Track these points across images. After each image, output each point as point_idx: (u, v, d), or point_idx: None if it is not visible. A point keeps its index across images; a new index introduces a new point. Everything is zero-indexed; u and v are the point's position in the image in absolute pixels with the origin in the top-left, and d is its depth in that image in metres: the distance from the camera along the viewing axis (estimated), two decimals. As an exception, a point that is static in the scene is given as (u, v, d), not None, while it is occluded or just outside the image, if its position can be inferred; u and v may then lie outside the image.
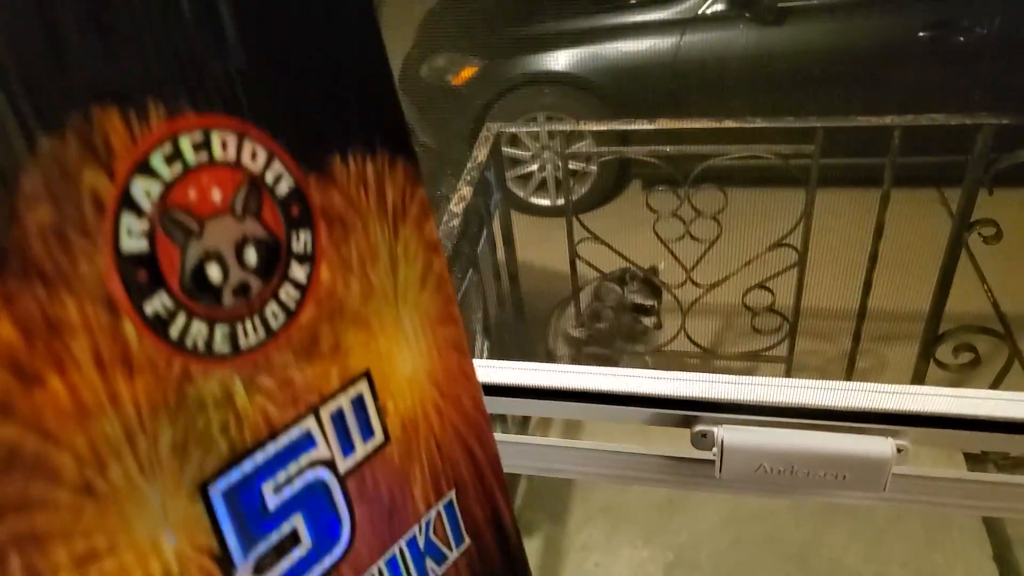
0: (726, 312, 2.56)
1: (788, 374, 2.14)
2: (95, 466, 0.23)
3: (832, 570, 1.88)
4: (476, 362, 0.47)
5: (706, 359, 2.23)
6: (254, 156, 0.27)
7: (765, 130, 1.63)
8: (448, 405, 0.35)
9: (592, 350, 2.20)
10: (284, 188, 0.28)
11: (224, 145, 0.27)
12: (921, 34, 3.01)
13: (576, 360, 2.24)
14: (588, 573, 1.98)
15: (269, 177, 0.28)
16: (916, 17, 3.01)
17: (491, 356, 1.77)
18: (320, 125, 0.29)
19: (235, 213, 0.27)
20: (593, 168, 3.46)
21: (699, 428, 0.43)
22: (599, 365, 1.78)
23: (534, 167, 3.52)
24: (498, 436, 0.49)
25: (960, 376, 2.03)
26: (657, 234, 1.85)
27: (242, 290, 0.28)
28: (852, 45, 3.14)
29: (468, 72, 3.54)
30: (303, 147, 0.29)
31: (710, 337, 2.61)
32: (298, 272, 0.29)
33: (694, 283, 1.94)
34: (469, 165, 1.62)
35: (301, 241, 0.29)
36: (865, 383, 0.40)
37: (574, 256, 1.94)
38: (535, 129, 2.47)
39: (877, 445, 0.39)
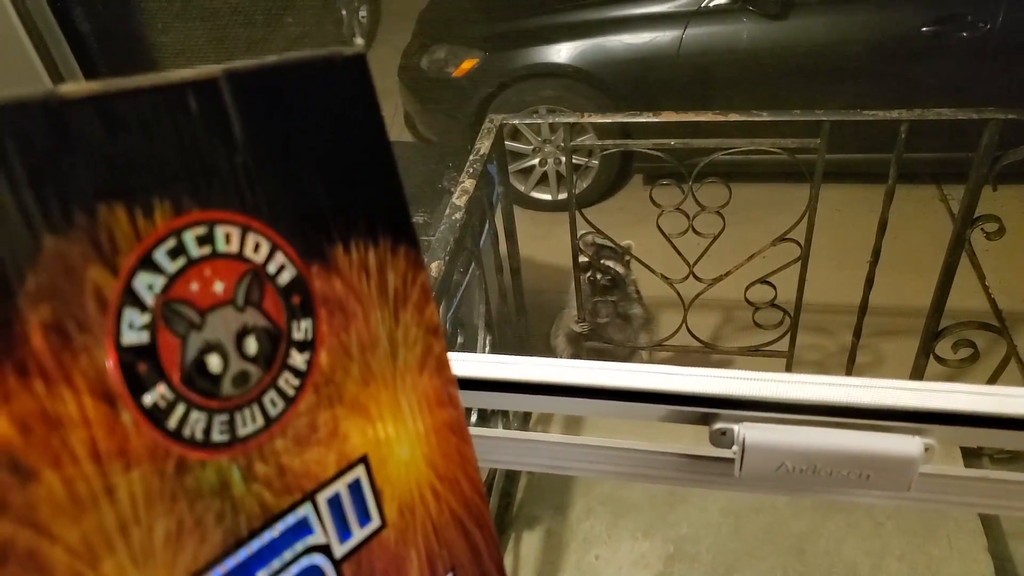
0: (728, 307, 2.56)
1: (789, 369, 2.14)
2: (88, 559, 0.24)
3: (830, 562, 1.88)
4: (487, 357, 0.46)
5: (707, 354, 2.23)
6: (257, 248, 0.28)
7: (770, 124, 1.62)
8: (445, 488, 0.35)
9: (593, 344, 2.19)
10: (286, 278, 0.29)
11: (228, 238, 0.27)
12: (925, 29, 3.01)
13: (577, 355, 2.24)
14: (589, 566, 1.98)
15: (271, 268, 0.29)
16: (920, 12, 3.00)
17: (493, 351, 1.76)
18: (323, 217, 0.30)
19: (237, 304, 0.28)
20: (595, 162, 3.45)
21: (718, 426, 0.42)
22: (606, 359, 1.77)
23: (535, 161, 3.50)
24: (506, 433, 0.48)
25: (959, 372, 2.03)
26: (660, 228, 1.84)
27: (242, 379, 0.28)
28: (855, 39, 3.13)
29: (469, 64, 3.52)
30: (306, 238, 0.29)
31: (712, 332, 2.61)
32: (298, 360, 0.30)
33: (696, 278, 1.93)
34: (472, 157, 1.61)
35: (302, 329, 0.30)
36: (891, 380, 0.40)
37: (576, 251, 1.93)
38: (538, 121, 2.46)
39: (904, 444, 0.38)
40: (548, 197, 3.59)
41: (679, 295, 1.99)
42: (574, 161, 1.78)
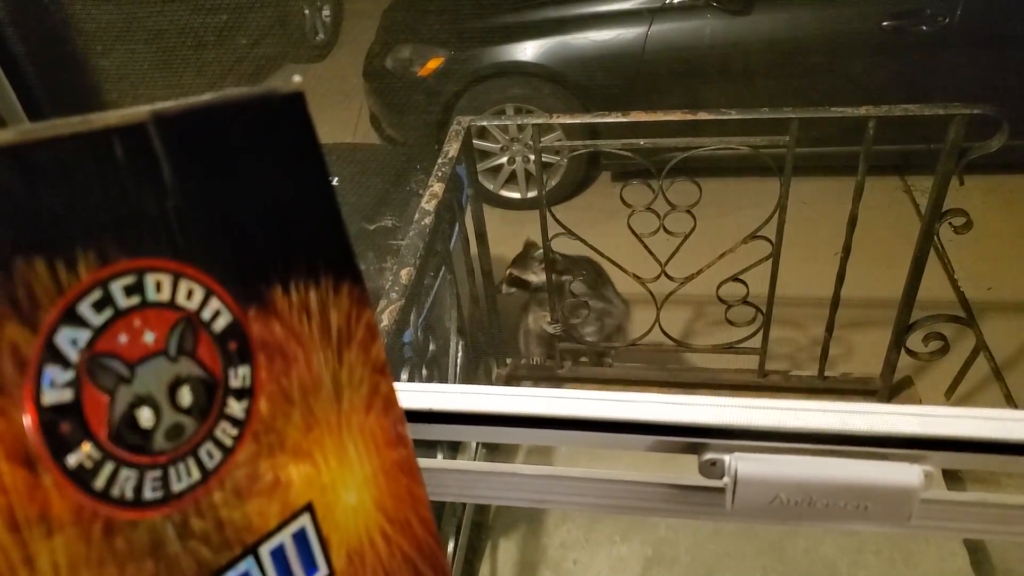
0: (700, 303, 2.56)
1: (762, 365, 2.14)
2: None
3: (808, 560, 1.89)
4: (462, 388, 0.43)
5: (680, 352, 2.22)
6: (190, 295, 0.27)
7: (739, 121, 1.61)
8: (396, 531, 0.34)
9: (567, 346, 2.17)
10: (222, 324, 0.28)
11: (159, 286, 0.26)
12: (885, 24, 3.04)
13: (550, 355, 2.22)
14: (567, 571, 1.96)
15: (206, 314, 0.27)
16: (880, 7, 3.03)
17: (465, 355, 1.73)
18: (260, 258, 0.29)
19: (169, 354, 0.27)
20: (563, 161, 3.43)
21: (708, 456, 0.40)
22: (575, 361, 1.75)
23: (503, 160, 3.47)
24: (480, 466, 0.46)
25: (929, 364, 2.05)
26: (632, 228, 1.83)
27: (176, 432, 0.27)
28: (817, 34, 3.16)
29: (434, 63, 3.48)
30: (242, 282, 0.28)
31: (685, 329, 2.61)
32: (236, 408, 0.29)
33: (668, 277, 1.92)
34: (440, 160, 1.58)
35: (239, 376, 0.29)
36: (887, 405, 0.38)
37: (548, 252, 1.91)
38: (507, 122, 2.43)
39: (903, 473, 0.36)
40: (517, 195, 3.56)
41: (651, 294, 1.97)
42: (543, 160, 1.75)
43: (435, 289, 1.73)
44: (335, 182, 2.17)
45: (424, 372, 1.52)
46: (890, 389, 2.02)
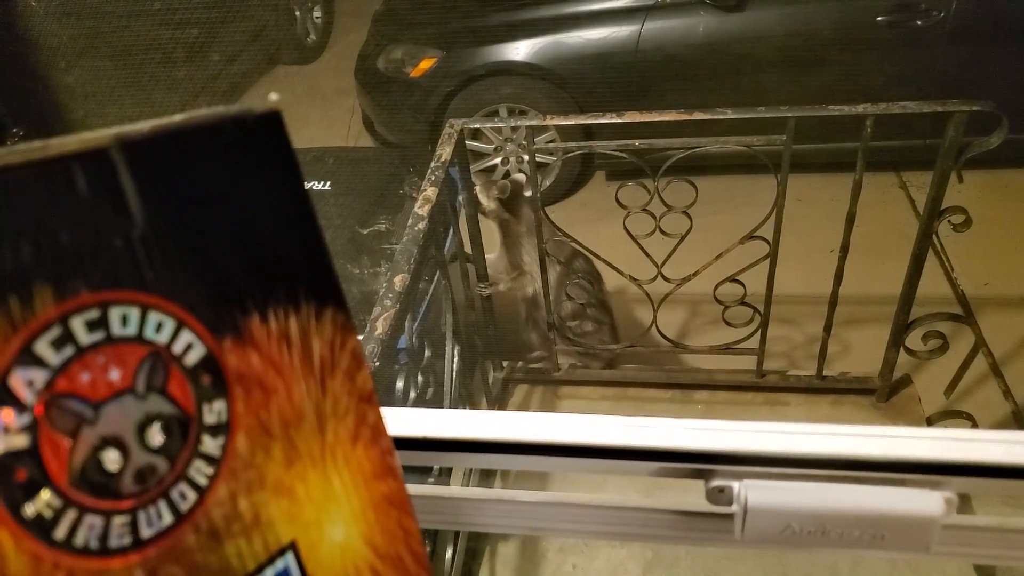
0: (697, 302, 2.55)
1: (760, 366, 2.13)
2: None
3: (810, 562, 1.88)
4: (458, 413, 0.41)
5: (677, 353, 2.21)
6: (159, 328, 0.26)
7: (735, 120, 1.59)
8: (387, 567, 0.32)
9: (564, 348, 2.15)
10: (194, 357, 0.27)
11: (125, 320, 0.25)
12: (880, 18, 3.02)
13: (551, 354, 2.19)
14: (567, 575, 1.95)
15: (177, 347, 0.26)
16: (875, 1, 3.01)
17: (461, 360, 1.71)
18: (236, 286, 0.27)
19: (137, 391, 0.25)
20: (557, 160, 3.41)
21: (716, 483, 0.38)
22: (576, 364, 1.72)
23: (497, 160, 3.45)
24: (476, 492, 0.44)
25: (927, 362, 2.04)
26: (627, 230, 1.81)
27: (145, 474, 0.26)
28: (812, 30, 3.14)
29: (426, 64, 3.46)
30: (216, 311, 0.27)
31: (682, 330, 2.59)
32: (211, 445, 0.27)
33: (664, 278, 1.90)
34: (433, 164, 1.56)
35: (214, 411, 0.27)
36: (905, 428, 0.36)
37: (543, 254, 1.89)
38: (500, 124, 2.41)
39: (922, 500, 0.34)
40: (512, 196, 3.54)
41: (648, 295, 1.95)
42: (537, 160, 1.73)
43: (430, 294, 1.71)
44: (327, 186, 2.15)
45: (420, 378, 1.50)
46: (889, 388, 2.00)
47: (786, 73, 3.21)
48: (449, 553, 1.78)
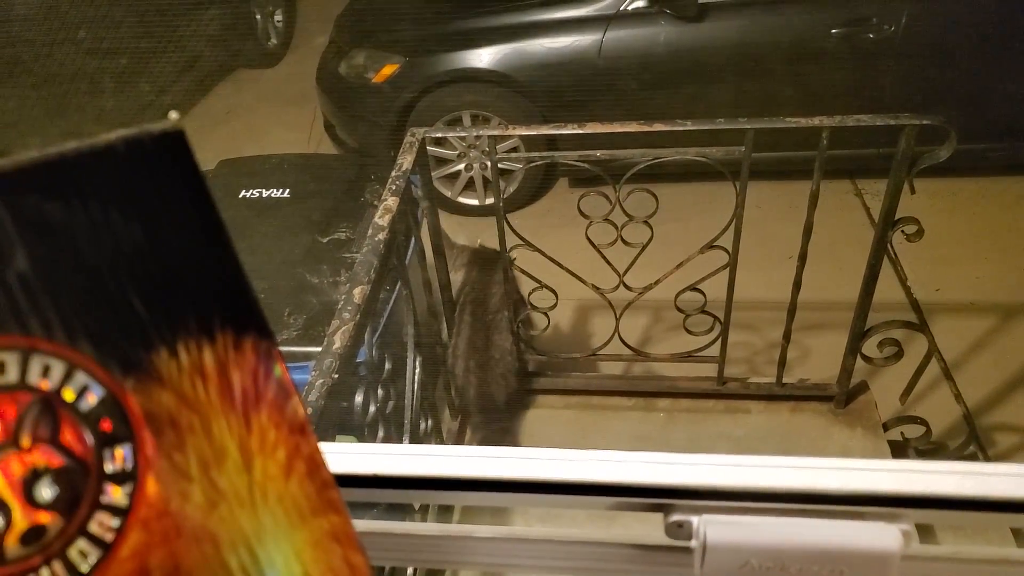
0: (658, 310, 2.56)
1: (721, 373, 2.15)
2: None
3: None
4: (409, 448, 0.40)
5: (639, 361, 2.22)
6: (46, 372, 0.24)
7: (695, 131, 1.61)
8: None
9: (529, 356, 2.15)
10: (91, 401, 0.25)
11: (2, 367, 0.23)
12: (834, 31, 3.09)
13: (515, 366, 2.18)
14: (530, 586, 1.94)
15: (69, 392, 0.24)
16: (829, 15, 3.08)
17: (423, 372, 1.69)
18: (138, 321, 0.25)
19: (19, 444, 0.23)
20: (520, 166, 3.41)
21: (675, 518, 0.37)
22: (538, 374, 1.70)
23: (460, 166, 3.44)
24: (427, 528, 0.43)
25: (883, 369, 2.08)
26: (589, 239, 1.81)
27: (33, 535, 0.23)
28: (769, 41, 3.20)
29: (389, 70, 3.43)
30: (116, 349, 0.25)
31: (643, 338, 2.61)
32: (115, 495, 0.25)
33: (627, 287, 1.91)
34: (394, 173, 1.54)
35: (117, 458, 0.25)
36: (863, 460, 0.36)
37: (508, 264, 1.88)
38: (461, 134, 2.39)
39: (880, 534, 0.34)
40: (475, 202, 3.53)
41: (610, 304, 1.96)
42: (500, 167, 1.72)
43: (390, 304, 1.69)
44: (286, 194, 2.11)
45: (380, 391, 1.48)
46: (847, 394, 2.04)
47: (745, 82, 3.26)
48: (410, 572, 1.75)
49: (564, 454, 0.38)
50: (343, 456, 0.40)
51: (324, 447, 0.41)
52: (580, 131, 1.61)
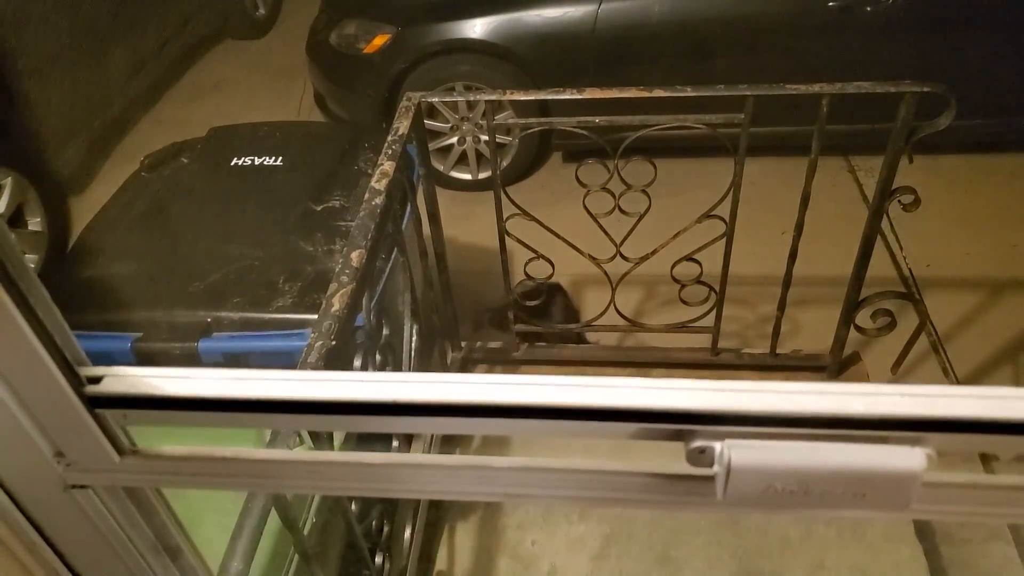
0: (654, 283, 2.56)
1: (715, 344, 2.16)
2: None
3: (762, 532, 1.92)
4: (423, 376, 0.39)
5: (634, 332, 2.22)
6: None
7: (694, 99, 1.59)
8: None
9: (522, 328, 2.15)
10: None
11: None
12: (832, 3, 3.07)
13: (509, 336, 2.19)
14: (526, 551, 1.95)
15: None
16: (827, -14, 3.06)
17: (420, 339, 1.69)
18: None
19: None
20: (514, 140, 3.38)
21: (697, 444, 0.37)
22: (534, 343, 1.71)
23: (453, 140, 3.41)
24: (465, 460, 0.42)
25: (875, 340, 2.10)
26: (587, 208, 1.80)
27: None
28: (765, 12, 3.17)
29: (380, 40, 3.38)
30: None
31: (639, 309, 2.61)
32: None
33: (623, 257, 1.91)
34: (390, 138, 1.52)
35: None
36: (888, 386, 0.36)
37: (503, 232, 1.87)
38: (458, 99, 2.37)
39: (905, 456, 0.34)
40: (468, 177, 3.50)
41: (607, 275, 1.96)
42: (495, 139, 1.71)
43: (387, 272, 1.68)
44: (279, 162, 2.09)
45: (378, 357, 1.47)
46: (839, 365, 2.05)
47: (741, 55, 3.24)
48: (408, 531, 1.77)
49: (585, 380, 0.38)
50: (345, 384, 0.39)
51: (340, 374, 0.41)
52: (578, 96, 1.60)
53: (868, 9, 3.03)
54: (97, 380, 0.44)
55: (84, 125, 3.61)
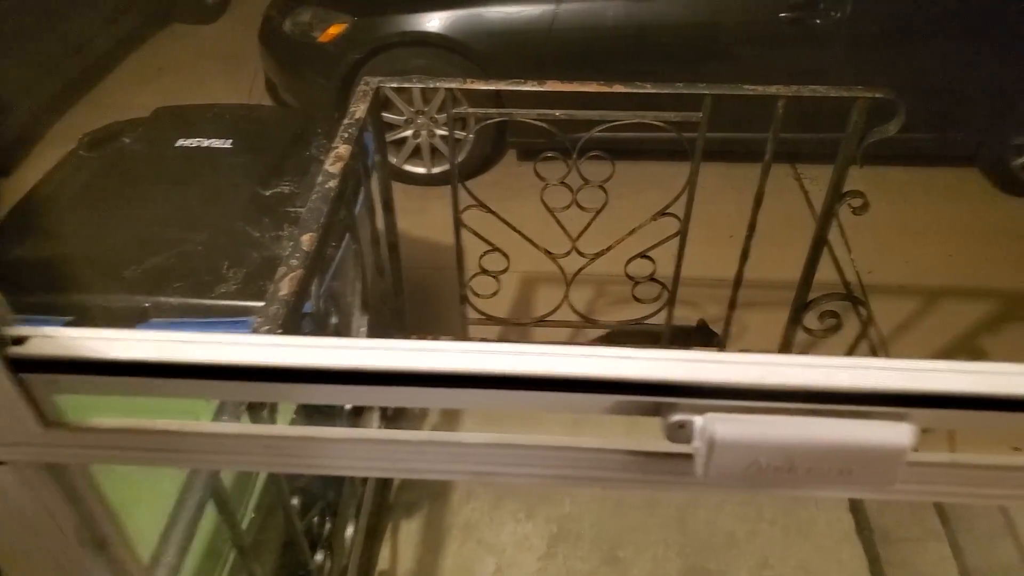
0: (607, 281, 2.57)
1: (666, 343, 2.16)
2: None
3: (709, 531, 1.93)
4: (384, 342, 0.36)
5: (586, 329, 2.22)
6: None
7: (653, 97, 1.60)
8: None
9: (476, 318, 2.12)
10: None
11: None
12: (782, 15, 3.13)
13: (459, 329, 2.16)
14: (471, 551, 1.92)
15: None
16: (779, -2, 3.12)
17: (370, 330, 1.64)
18: None
19: None
20: (470, 136, 3.35)
21: (676, 418, 0.35)
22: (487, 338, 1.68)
23: (407, 133, 3.36)
24: (413, 435, 0.39)
25: (820, 341, 2.14)
26: (544, 203, 1.79)
27: None
28: (717, 21, 3.22)
29: (336, 29, 3.31)
30: None
31: (591, 306, 2.61)
32: None
33: (579, 253, 1.90)
34: (346, 121, 1.48)
35: None
36: (875, 360, 0.34)
37: (459, 223, 1.84)
38: (418, 85, 2.33)
39: (892, 432, 0.33)
40: (422, 171, 3.46)
41: (562, 270, 1.95)
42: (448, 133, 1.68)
43: (338, 259, 1.63)
44: (228, 144, 2.01)
45: (326, 346, 1.42)
46: (786, 366, 2.08)
47: (694, 63, 3.28)
48: (350, 529, 1.72)
49: (556, 348, 0.35)
50: (304, 350, 0.36)
51: (297, 339, 0.38)
52: (539, 88, 1.58)
53: (817, 22, 3.10)
54: (21, 341, 0.40)
55: (11, 105, 3.44)
